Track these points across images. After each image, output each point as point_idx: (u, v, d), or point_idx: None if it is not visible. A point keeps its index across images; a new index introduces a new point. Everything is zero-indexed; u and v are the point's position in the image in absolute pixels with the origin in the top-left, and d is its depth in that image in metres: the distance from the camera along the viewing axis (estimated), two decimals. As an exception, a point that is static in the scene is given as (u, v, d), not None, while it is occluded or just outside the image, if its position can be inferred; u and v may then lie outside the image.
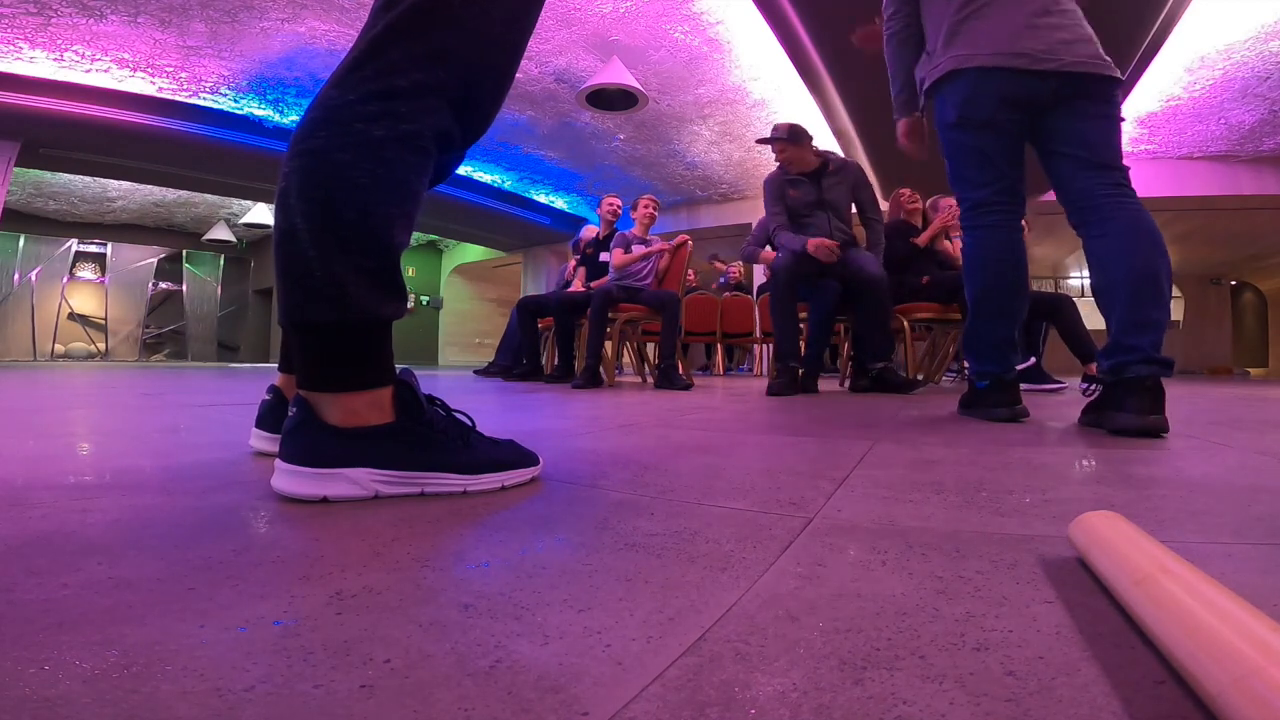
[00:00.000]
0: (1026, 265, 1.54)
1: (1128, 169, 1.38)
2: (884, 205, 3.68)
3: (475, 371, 4.84)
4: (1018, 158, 1.48)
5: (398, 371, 0.68)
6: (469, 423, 0.73)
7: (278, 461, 0.64)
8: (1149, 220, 1.33)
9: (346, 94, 0.61)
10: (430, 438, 0.66)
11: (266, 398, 0.92)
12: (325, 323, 0.62)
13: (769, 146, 2.93)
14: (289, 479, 0.62)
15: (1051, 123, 1.42)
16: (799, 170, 2.89)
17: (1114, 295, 1.32)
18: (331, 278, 0.61)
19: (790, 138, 2.83)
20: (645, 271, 3.61)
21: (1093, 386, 1.37)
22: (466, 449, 0.68)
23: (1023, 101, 1.41)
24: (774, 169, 3.04)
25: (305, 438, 0.63)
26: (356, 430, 0.63)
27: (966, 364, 1.61)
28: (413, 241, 11.65)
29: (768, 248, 3.44)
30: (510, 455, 0.72)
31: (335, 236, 0.61)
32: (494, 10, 0.65)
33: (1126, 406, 1.23)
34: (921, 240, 3.34)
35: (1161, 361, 1.25)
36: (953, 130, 1.49)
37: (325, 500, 0.62)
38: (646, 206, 3.75)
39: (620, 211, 4.10)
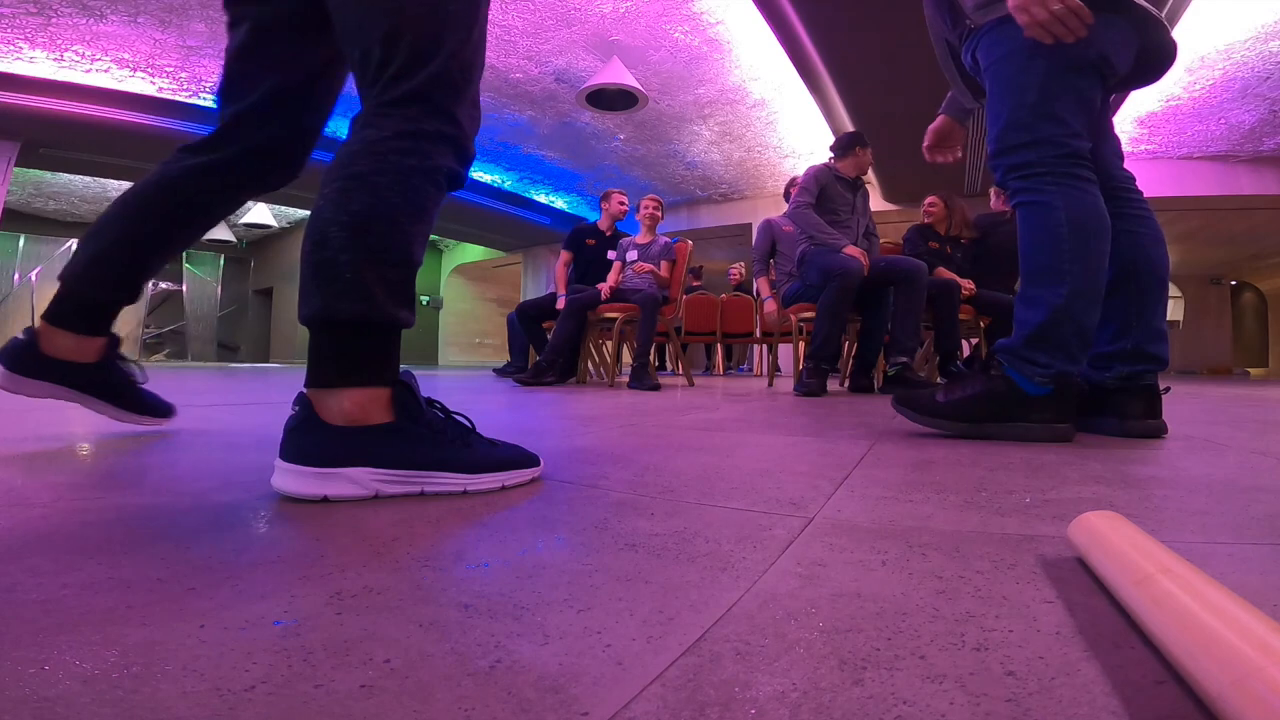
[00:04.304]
0: None
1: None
2: (886, 205, 3.69)
3: (495, 370, 4.86)
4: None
5: (402, 378, 0.70)
6: (468, 424, 0.73)
7: (278, 460, 0.64)
8: (1158, 231, 1.30)
9: (382, 131, 0.70)
10: (430, 437, 0.68)
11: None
12: (349, 319, 0.67)
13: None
14: (289, 478, 0.63)
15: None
16: (848, 173, 3.04)
17: (1138, 302, 1.26)
18: (361, 279, 0.67)
19: (861, 142, 3.08)
20: (639, 281, 3.59)
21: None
22: (466, 449, 0.69)
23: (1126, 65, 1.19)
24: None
25: (306, 437, 0.64)
26: (356, 430, 0.65)
27: (1000, 360, 1.21)
28: (413, 242, 11.68)
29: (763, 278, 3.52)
30: (510, 455, 0.73)
31: (368, 244, 0.68)
32: (474, 84, 0.77)
33: (1128, 412, 1.22)
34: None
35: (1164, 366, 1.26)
36: (1066, 62, 1.16)
37: (326, 500, 0.62)
38: (646, 206, 3.75)
39: (627, 212, 4.08)
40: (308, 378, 0.68)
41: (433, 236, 11.16)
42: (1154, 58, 1.23)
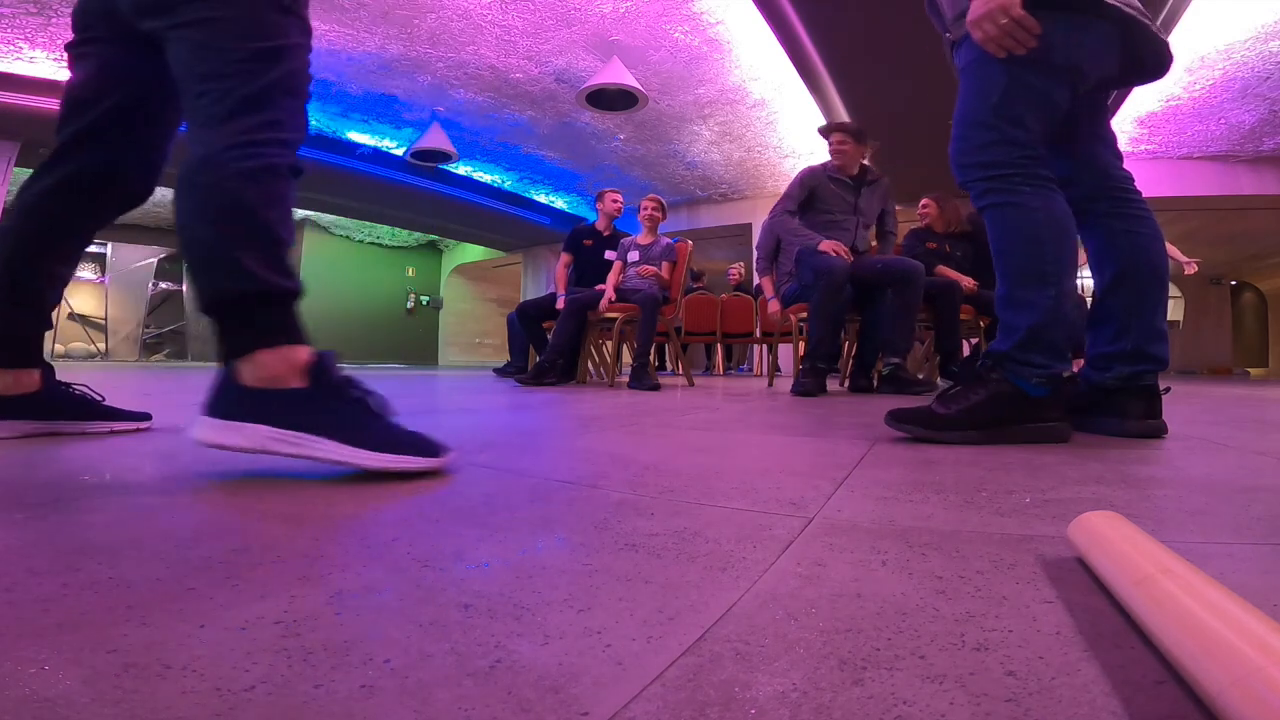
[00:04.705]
0: None
1: None
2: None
3: (495, 370, 4.86)
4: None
5: (322, 353, 0.79)
6: (382, 406, 0.80)
7: (199, 414, 0.76)
8: (1156, 228, 1.29)
9: (212, 148, 0.81)
10: (330, 408, 0.76)
11: None
12: (237, 294, 0.77)
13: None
14: (198, 426, 0.75)
15: (1091, 102, 1.27)
16: (845, 171, 2.95)
17: (1138, 302, 1.26)
18: (235, 260, 0.77)
19: (856, 135, 2.94)
20: (640, 281, 3.59)
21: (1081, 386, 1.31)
22: (364, 426, 0.76)
23: (1111, 73, 1.21)
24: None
25: (219, 394, 0.76)
26: (263, 391, 0.75)
27: (991, 360, 1.18)
28: (413, 241, 11.73)
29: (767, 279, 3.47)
30: (409, 441, 0.77)
31: (233, 234, 0.79)
32: (295, 93, 0.89)
33: (1128, 412, 1.23)
34: None
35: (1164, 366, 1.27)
36: (1030, 67, 1.16)
37: (222, 448, 0.73)
38: (646, 207, 3.74)
39: (622, 209, 4.06)
40: (219, 354, 0.78)
41: (432, 236, 11.23)
42: (1149, 56, 1.22)
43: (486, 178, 7.89)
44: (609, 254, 3.80)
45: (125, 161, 1.04)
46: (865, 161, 3.01)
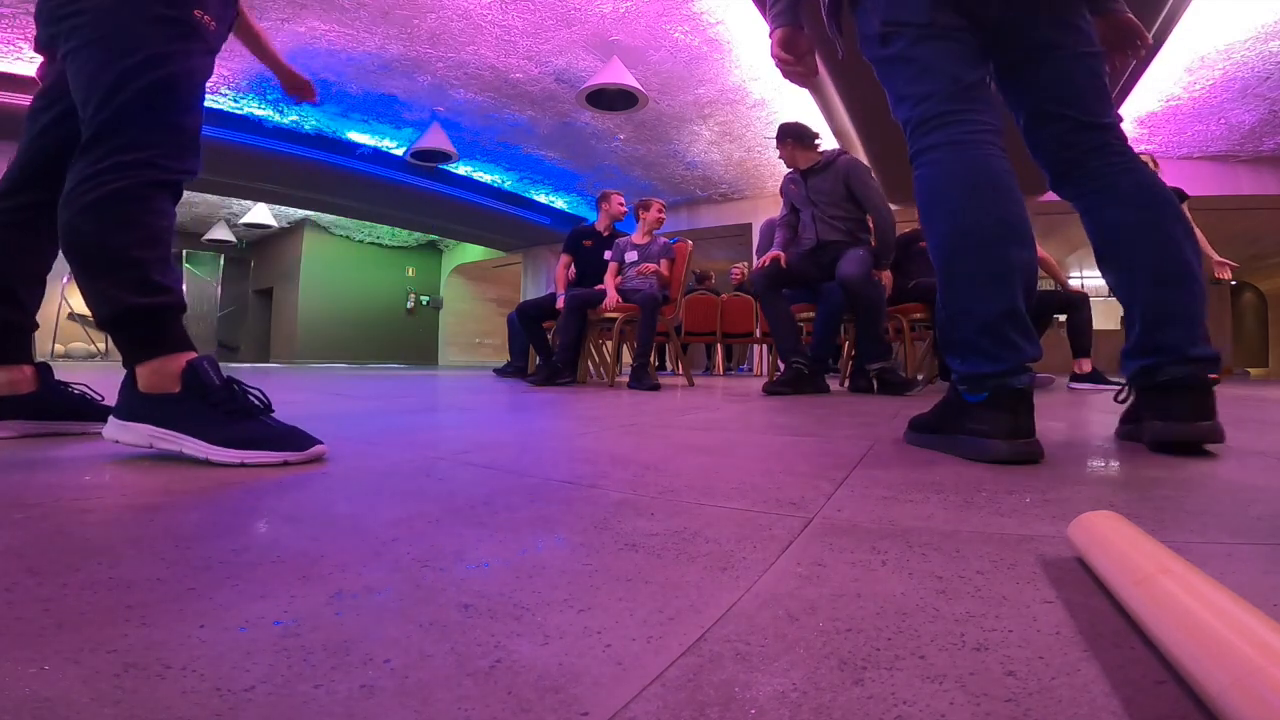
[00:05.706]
0: (1023, 201, 0.99)
1: (1120, 122, 1.10)
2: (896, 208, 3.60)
3: (495, 370, 4.87)
4: (977, 61, 1.04)
5: (200, 357, 0.89)
6: (258, 404, 0.89)
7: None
8: (1152, 178, 1.07)
9: (70, 184, 0.87)
10: (195, 409, 0.85)
11: None
12: (105, 317, 0.87)
13: (772, 147, 3.04)
14: (107, 425, 0.88)
15: (1023, 73, 1.10)
16: (793, 168, 3.00)
17: (1132, 281, 1.06)
18: (96, 290, 0.87)
19: (777, 137, 2.97)
20: (640, 280, 3.59)
21: (1126, 392, 1.12)
22: (226, 426, 0.84)
23: (968, 6, 1.03)
24: (776, 167, 3.15)
25: (121, 396, 0.88)
26: (152, 396, 0.87)
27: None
28: (413, 241, 11.73)
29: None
30: (266, 437, 0.85)
31: (90, 267, 0.87)
32: (164, 108, 0.91)
33: (1169, 413, 0.98)
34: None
35: (1203, 358, 0.98)
36: (881, 45, 1.07)
37: (118, 443, 0.87)
38: (661, 211, 3.75)
39: (626, 212, 4.06)
40: (123, 361, 0.89)
41: (432, 236, 11.22)
42: None
43: (486, 178, 7.89)
44: (608, 254, 3.80)
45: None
46: (820, 154, 2.92)
